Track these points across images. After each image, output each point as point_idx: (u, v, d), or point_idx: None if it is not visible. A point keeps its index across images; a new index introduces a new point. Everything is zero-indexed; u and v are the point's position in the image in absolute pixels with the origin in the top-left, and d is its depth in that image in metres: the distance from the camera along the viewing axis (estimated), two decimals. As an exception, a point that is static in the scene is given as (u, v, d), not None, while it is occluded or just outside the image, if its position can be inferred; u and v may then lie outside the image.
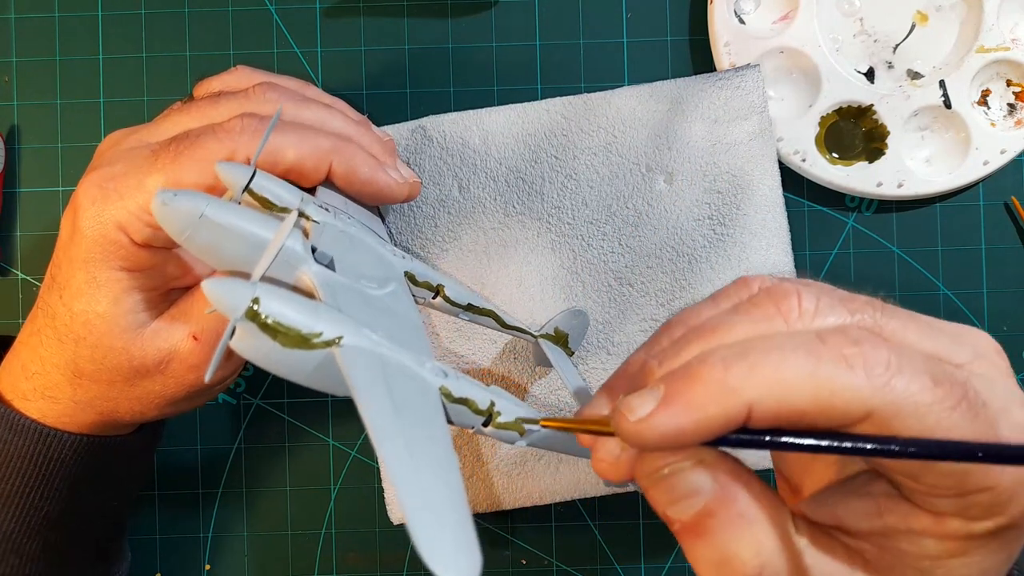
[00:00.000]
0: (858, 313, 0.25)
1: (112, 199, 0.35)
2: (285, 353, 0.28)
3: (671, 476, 0.25)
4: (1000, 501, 0.23)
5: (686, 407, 0.23)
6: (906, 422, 0.23)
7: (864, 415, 0.23)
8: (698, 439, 0.24)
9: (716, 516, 0.25)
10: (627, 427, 0.24)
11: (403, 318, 0.33)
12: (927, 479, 0.24)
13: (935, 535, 0.24)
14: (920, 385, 0.23)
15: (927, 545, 0.24)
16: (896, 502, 0.25)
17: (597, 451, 0.27)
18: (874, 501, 0.26)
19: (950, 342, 0.25)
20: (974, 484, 0.23)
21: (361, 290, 0.32)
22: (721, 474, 0.25)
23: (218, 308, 0.27)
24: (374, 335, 0.29)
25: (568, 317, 0.43)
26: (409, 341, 0.31)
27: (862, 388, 0.23)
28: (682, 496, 0.25)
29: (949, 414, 0.23)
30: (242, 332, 0.27)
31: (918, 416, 0.23)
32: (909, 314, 0.26)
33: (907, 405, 0.23)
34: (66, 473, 0.38)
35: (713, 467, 0.25)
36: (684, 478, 0.25)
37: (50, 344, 0.37)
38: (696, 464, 0.25)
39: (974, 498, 0.23)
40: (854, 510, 0.26)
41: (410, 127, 0.45)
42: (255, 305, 0.27)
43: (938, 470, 0.23)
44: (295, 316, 0.28)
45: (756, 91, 0.45)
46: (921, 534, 0.24)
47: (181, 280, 0.38)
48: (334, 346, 0.28)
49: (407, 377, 0.29)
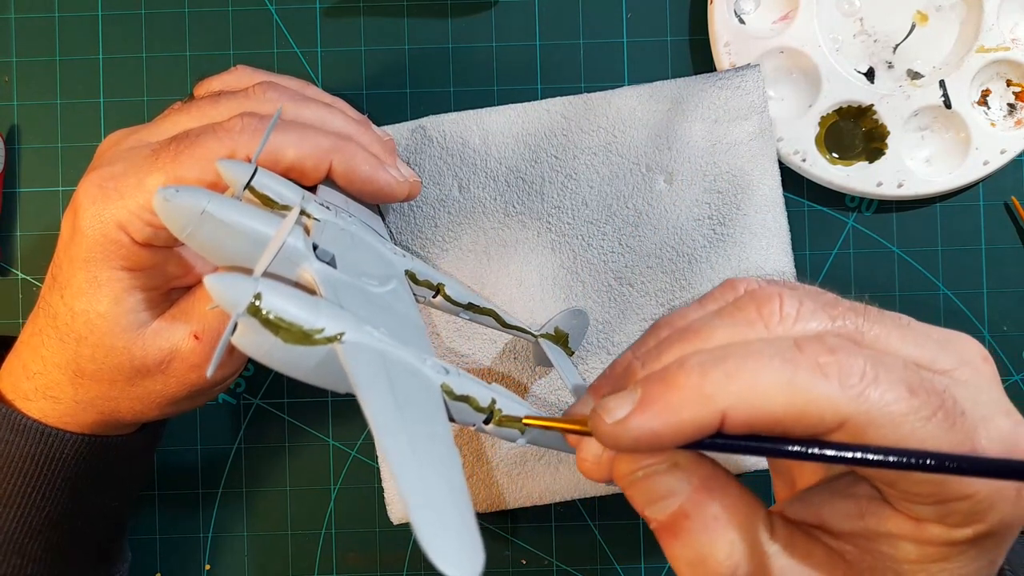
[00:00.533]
0: (840, 319, 0.25)
1: (113, 198, 0.35)
2: (287, 349, 0.28)
3: (647, 478, 0.26)
4: (979, 509, 0.23)
5: (661, 412, 0.24)
6: (880, 431, 0.23)
7: (838, 424, 0.23)
8: (673, 443, 0.24)
9: (691, 517, 0.25)
10: (603, 429, 0.24)
11: (404, 316, 0.33)
12: (904, 486, 0.24)
13: (915, 540, 0.24)
14: (895, 395, 0.23)
15: (907, 549, 0.25)
16: (878, 505, 0.25)
17: (581, 450, 0.27)
18: (856, 503, 0.26)
19: (936, 348, 0.25)
20: (952, 492, 0.23)
21: (362, 287, 0.32)
22: (696, 477, 0.26)
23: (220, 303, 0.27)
24: (376, 332, 0.29)
25: (568, 317, 0.43)
26: (410, 338, 0.31)
27: (836, 397, 0.23)
28: (658, 497, 0.26)
29: (924, 424, 0.23)
30: (244, 328, 0.27)
31: (893, 426, 0.23)
32: (895, 319, 0.26)
33: (881, 415, 0.23)
34: (68, 473, 0.38)
35: (688, 470, 0.26)
36: (659, 480, 0.26)
37: (51, 344, 0.37)
38: (671, 467, 0.26)
39: (953, 506, 0.23)
40: (837, 511, 0.26)
41: (410, 127, 0.46)
42: (257, 301, 0.27)
43: (915, 478, 0.23)
44: (297, 312, 0.28)
45: (756, 91, 0.45)
46: (901, 538, 0.25)
47: (182, 279, 0.38)
48: (336, 342, 0.28)
49: (409, 374, 0.29)
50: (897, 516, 0.25)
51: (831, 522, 0.26)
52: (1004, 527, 0.24)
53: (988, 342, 0.48)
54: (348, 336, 0.28)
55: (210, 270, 0.38)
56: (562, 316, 0.43)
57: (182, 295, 0.38)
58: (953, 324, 0.48)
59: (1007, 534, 0.25)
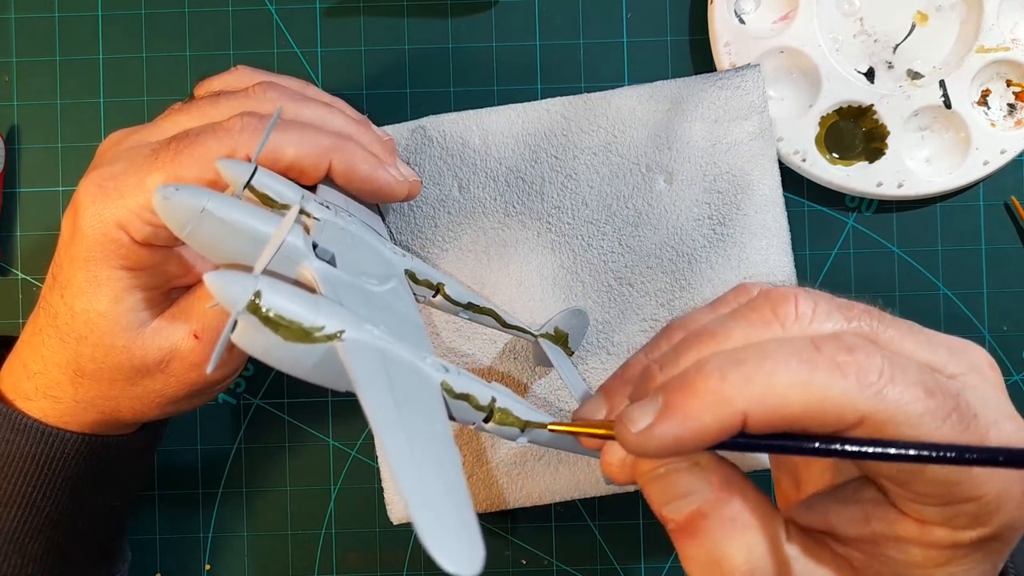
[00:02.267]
0: (855, 320, 0.26)
1: (113, 198, 0.35)
2: (287, 347, 0.28)
3: (667, 475, 0.26)
4: (986, 511, 0.24)
5: (684, 418, 0.24)
6: (898, 430, 0.23)
7: (857, 421, 0.23)
8: (696, 447, 0.24)
9: (708, 518, 0.25)
10: (629, 438, 0.25)
11: (403, 315, 0.33)
12: (916, 486, 0.24)
13: (921, 543, 0.25)
14: (913, 395, 0.23)
15: (913, 553, 0.25)
16: (884, 509, 0.25)
17: (606, 454, 0.28)
18: (863, 507, 0.26)
19: (946, 354, 0.25)
20: (961, 494, 0.23)
21: (362, 286, 0.32)
22: (716, 477, 0.26)
23: (219, 301, 0.27)
24: (376, 330, 0.29)
25: (568, 317, 0.43)
26: (410, 337, 0.31)
27: (855, 395, 0.23)
28: (676, 496, 0.26)
29: (940, 424, 0.23)
30: (243, 326, 0.27)
31: (910, 425, 0.23)
32: (907, 324, 0.26)
33: (899, 414, 0.23)
34: (68, 473, 0.38)
35: (708, 470, 0.26)
36: (679, 478, 0.26)
37: (52, 343, 0.37)
38: (692, 466, 0.26)
39: (961, 507, 0.24)
40: (844, 516, 0.26)
41: (410, 127, 0.46)
42: (256, 298, 0.27)
43: (926, 477, 0.24)
44: (297, 310, 0.28)
45: (756, 91, 0.45)
46: (907, 542, 0.25)
47: (182, 279, 0.38)
48: (336, 340, 0.28)
49: (409, 372, 0.29)
50: (903, 520, 0.25)
51: (838, 527, 0.26)
52: (1008, 530, 0.24)
53: (988, 342, 0.48)
54: (348, 334, 0.28)
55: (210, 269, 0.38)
56: (562, 316, 0.43)
57: (182, 295, 0.38)
58: (953, 324, 0.48)
59: (1011, 537, 0.25)
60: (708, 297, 0.45)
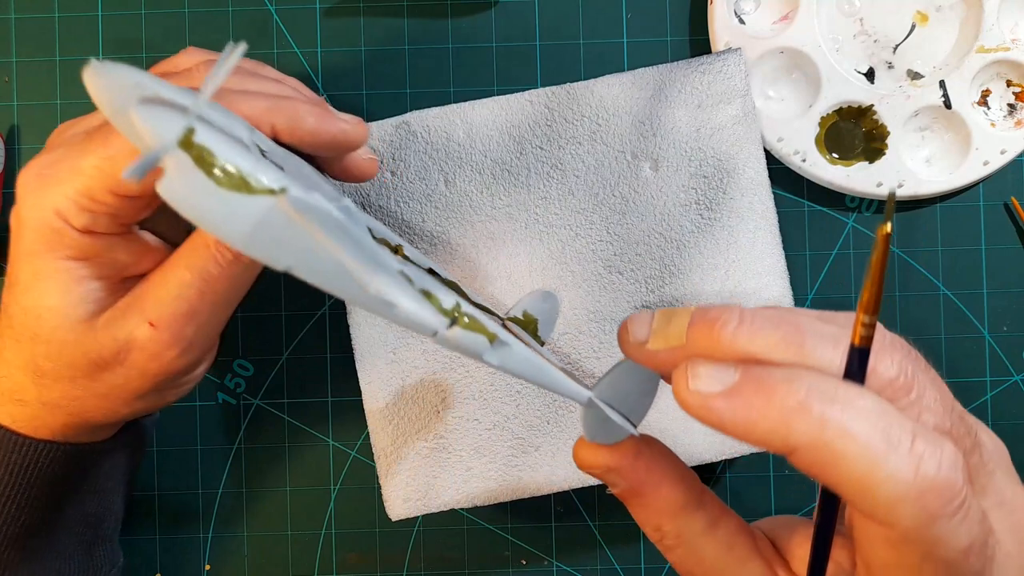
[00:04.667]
0: (956, 424, 0.25)
1: (50, 184, 0.33)
2: (220, 196, 0.24)
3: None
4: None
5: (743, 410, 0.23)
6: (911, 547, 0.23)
7: (891, 521, 0.23)
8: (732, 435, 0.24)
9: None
10: (683, 392, 0.25)
11: (359, 236, 0.29)
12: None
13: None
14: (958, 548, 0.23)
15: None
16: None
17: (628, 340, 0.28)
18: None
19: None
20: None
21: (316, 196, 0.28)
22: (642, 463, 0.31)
23: (145, 137, 0.24)
24: (328, 203, 0.25)
25: (538, 300, 0.39)
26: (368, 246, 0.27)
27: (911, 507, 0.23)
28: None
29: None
30: (172, 168, 0.24)
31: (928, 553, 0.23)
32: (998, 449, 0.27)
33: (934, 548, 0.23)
34: (43, 481, 0.37)
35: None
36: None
37: (10, 345, 0.35)
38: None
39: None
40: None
41: (394, 123, 0.45)
42: (191, 135, 0.24)
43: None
44: (236, 158, 0.24)
45: (738, 75, 0.45)
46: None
47: (135, 267, 0.36)
48: (279, 196, 0.24)
49: (369, 249, 0.26)
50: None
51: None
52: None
53: (988, 342, 0.48)
54: (294, 192, 0.25)
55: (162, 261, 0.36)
56: (531, 299, 0.39)
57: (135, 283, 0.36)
58: (953, 324, 0.48)
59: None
60: (697, 282, 0.45)
